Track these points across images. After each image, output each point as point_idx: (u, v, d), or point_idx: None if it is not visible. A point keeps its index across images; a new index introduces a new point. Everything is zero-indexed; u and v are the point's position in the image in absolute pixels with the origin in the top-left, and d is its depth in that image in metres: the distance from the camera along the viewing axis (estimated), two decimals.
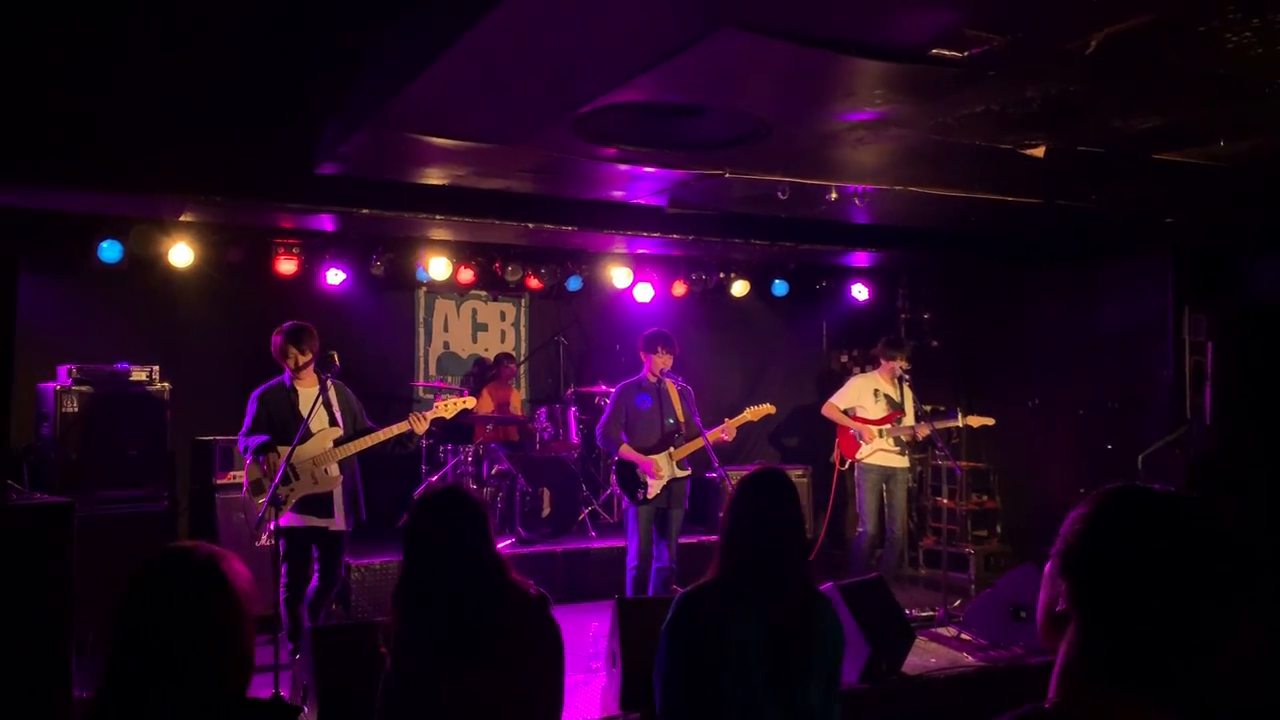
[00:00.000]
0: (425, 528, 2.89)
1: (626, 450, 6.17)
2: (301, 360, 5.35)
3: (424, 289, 8.83)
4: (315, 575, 5.40)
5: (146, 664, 1.88)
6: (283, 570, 5.23)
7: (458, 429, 7.77)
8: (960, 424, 7.20)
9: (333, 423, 5.40)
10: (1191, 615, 1.34)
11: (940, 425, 7.20)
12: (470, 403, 5.75)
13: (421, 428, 5.40)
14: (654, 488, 6.12)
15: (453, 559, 2.85)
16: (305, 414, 5.18)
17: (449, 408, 5.58)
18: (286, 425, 5.26)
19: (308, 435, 5.20)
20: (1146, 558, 1.36)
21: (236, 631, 1.96)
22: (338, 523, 5.36)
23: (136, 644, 1.90)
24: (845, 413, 7.17)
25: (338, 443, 5.36)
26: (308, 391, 5.36)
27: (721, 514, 3.07)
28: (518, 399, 8.73)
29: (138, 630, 1.91)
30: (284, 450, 5.15)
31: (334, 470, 5.33)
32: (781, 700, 2.82)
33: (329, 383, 5.33)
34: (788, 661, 2.85)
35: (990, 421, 7.21)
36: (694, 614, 2.88)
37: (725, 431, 6.20)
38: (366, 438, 5.40)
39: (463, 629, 2.80)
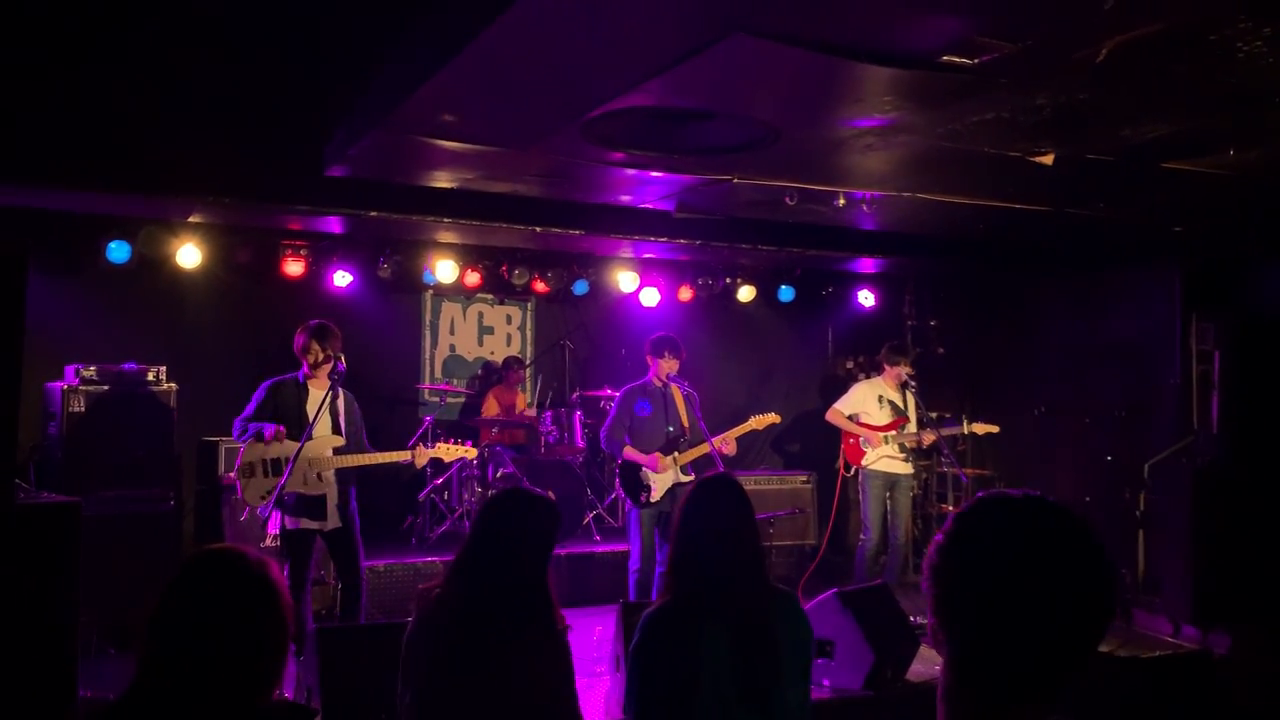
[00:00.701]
0: (497, 521, 3.03)
1: (630, 451, 6.17)
2: (321, 358, 5.39)
3: (430, 292, 8.84)
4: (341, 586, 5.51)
5: (182, 671, 1.77)
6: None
7: (463, 432, 7.78)
8: (965, 431, 7.18)
9: (336, 430, 5.43)
10: (1051, 620, 1.30)
11: (945, 432, 7.16)
12: (471, 453, 5.95)
13: (421, 463, 5.59)
14: (657, 491, 6.11)
15: (505, 560, 2.90)
16: (312, 415, 5.22)
17: (449, 452, 5.76)
18: (291, 422, 5.29)
19: (309, 436, 5.21)
20: (1000, 564, 1.32)
21: (278, 647, 1.87)
22: (333, 522, 5.38)
23: (175, 650, 1.79)
24: (850, 419, 7.14)
25: (337, 452, 5.39)
26: (317, 393, 5.39)
27: (673, 527, 2.99)
28: (524, 402, 8.73)
29: (179, 636, 1.80)
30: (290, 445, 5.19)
31: (328, 476, 5.35)
32: (758, 707, 2.78)
33: (339, 390, 5.39)
34: (761, 669, 2.80)
35: (995, 429, 7.17)
36: (662, 636, 2.81)
37: (725, 445, 6.17)
38: (364, 455, 5.47)
39: (478, 631, 2.82)
